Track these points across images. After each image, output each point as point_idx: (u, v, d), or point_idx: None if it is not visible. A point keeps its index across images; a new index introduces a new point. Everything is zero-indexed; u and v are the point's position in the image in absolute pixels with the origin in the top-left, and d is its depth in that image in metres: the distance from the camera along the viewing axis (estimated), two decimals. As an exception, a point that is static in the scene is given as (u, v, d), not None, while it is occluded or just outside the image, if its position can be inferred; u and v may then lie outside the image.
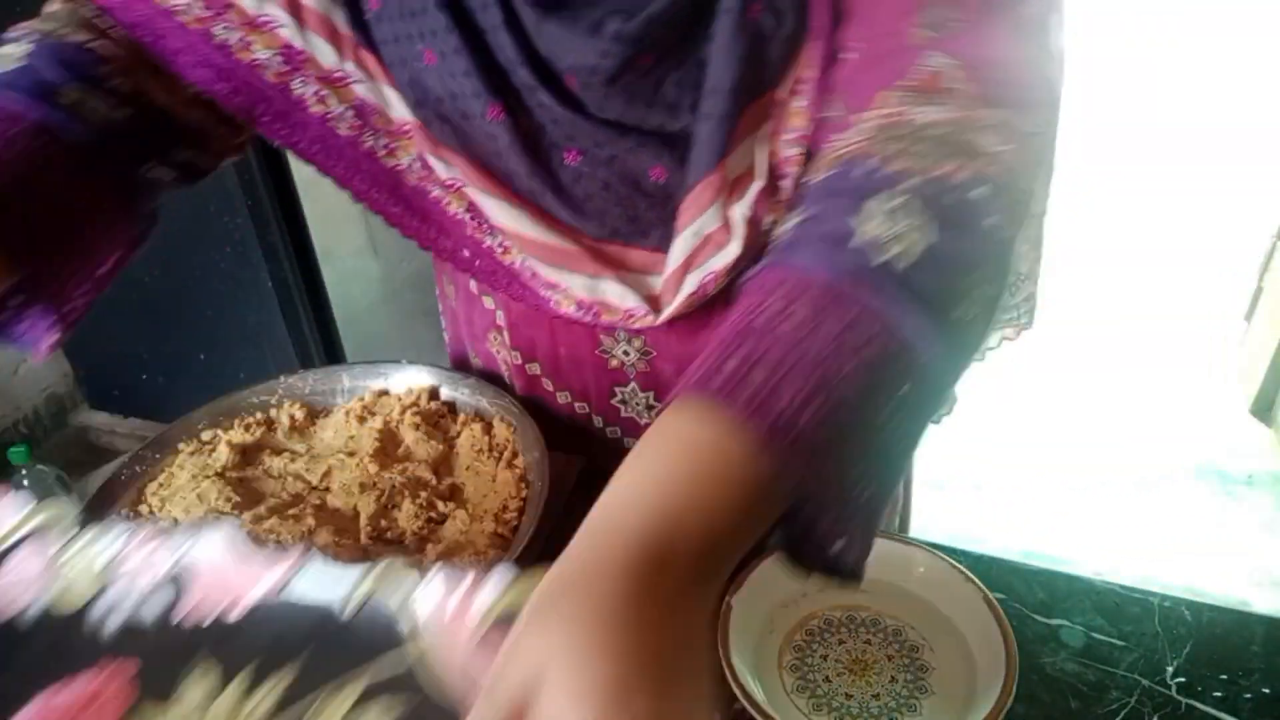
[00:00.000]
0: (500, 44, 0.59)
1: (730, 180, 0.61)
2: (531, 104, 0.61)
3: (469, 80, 0.60)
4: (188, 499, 0.71)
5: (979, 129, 0.46)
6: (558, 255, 0.67)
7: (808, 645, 0.61)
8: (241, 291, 2.03)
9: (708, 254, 0.64)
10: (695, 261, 0.64)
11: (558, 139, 0.62)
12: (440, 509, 0.70)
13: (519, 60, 0.59)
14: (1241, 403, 2.45)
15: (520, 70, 0.59)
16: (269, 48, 0.63)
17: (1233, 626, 0.63)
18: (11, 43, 0.60)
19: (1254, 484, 2.22)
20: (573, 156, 0.63)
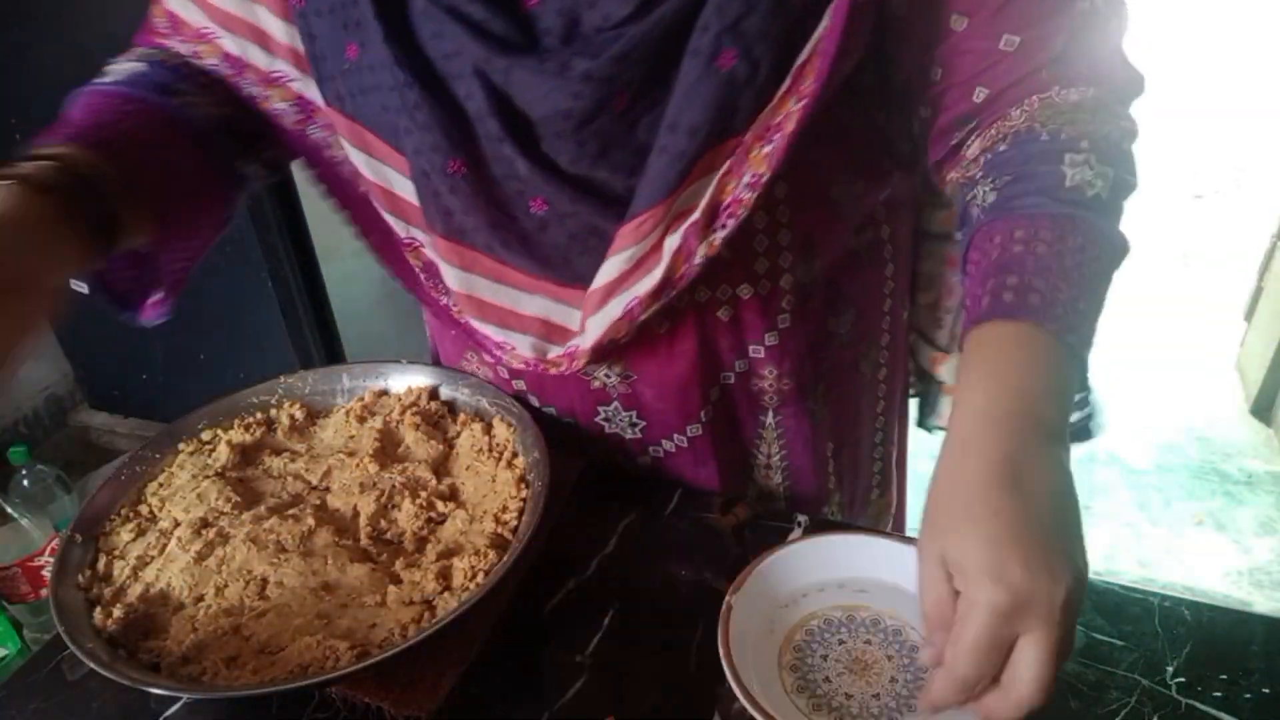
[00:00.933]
0: (469, 92, 0.59)
1: (673, 214, 0.61)
2: (495, 157, 0.60)
3: (428, 134, 0.60)
4: (188, 499, 0.71)
5: (1113, 101, 0.61)
6: (507, 318, 0.69)
7: (808, 645, 0.61)
8: (241, 291, 2.03)
9: (636, 278, 0.64)
10: (621, 285, 0.64)
11: (522, 190, 0.62)
12: (440, 509, 0.70)
13: (488, 110, 0.58)
14: (1241, 403, 2.45)
15: (488, 121, 0.59)
16: (284, 100, 0.69)
17: (1233, 626, 0.63)
18: (122, 60, 0.69)
19: (1254, 484, 2.22)
20: (539, 205, 0.62)
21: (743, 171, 0.59)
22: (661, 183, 0.59)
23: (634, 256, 0.63)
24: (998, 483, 0.47)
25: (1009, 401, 0.50)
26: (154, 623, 0.63)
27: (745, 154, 0.59)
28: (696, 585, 0.69)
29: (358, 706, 0.61)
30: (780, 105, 0.57)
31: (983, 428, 0.50)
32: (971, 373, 0.53)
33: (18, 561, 1.52)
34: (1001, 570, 0.44)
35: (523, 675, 0.63)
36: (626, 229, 0.62)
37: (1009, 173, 0.60)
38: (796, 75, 0.56)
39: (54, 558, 0.67)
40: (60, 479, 1.85)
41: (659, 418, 0.75)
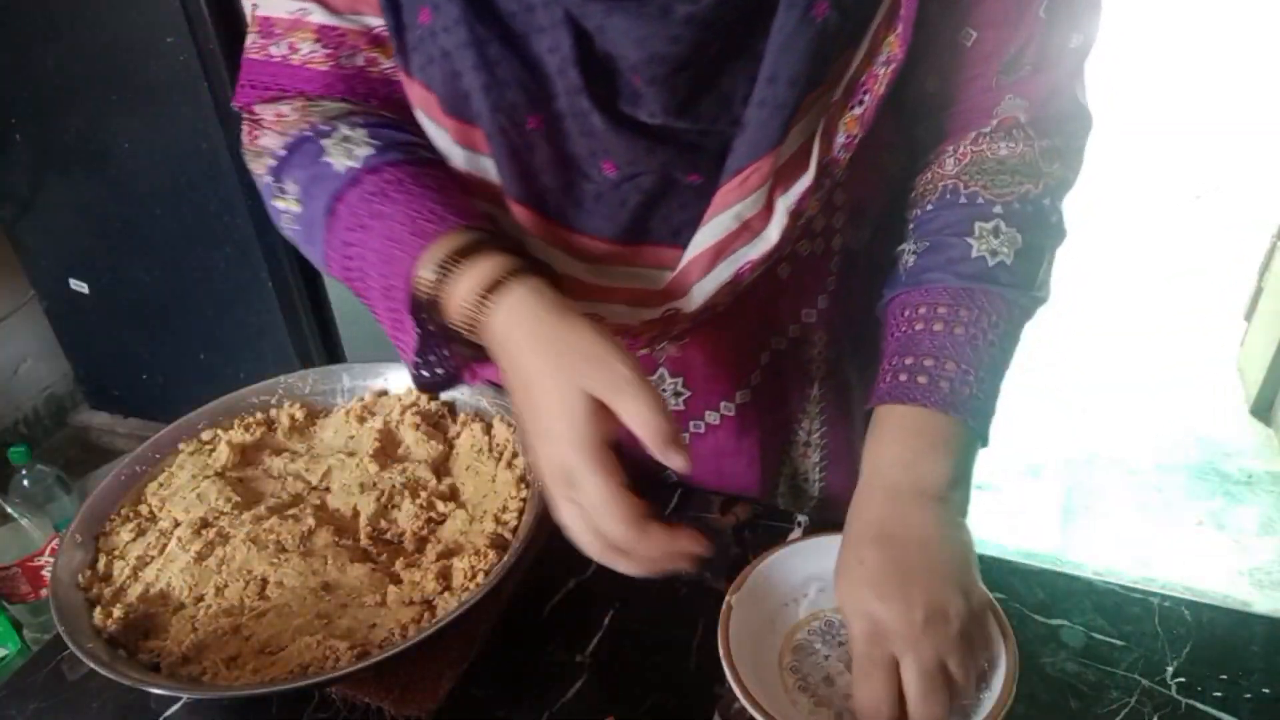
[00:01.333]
0: (555, 44, 0.58)
1: (778, 168, 0.61)
2: (572, 112, 0.60)
3: (508, 90, 0.60)
4: (188, 499, 0.71)
5: (1039, 156, 0.65)
6: (590, 291, 0.68)
7: (808, 645, 0.61)
8: (241, 291, 2.03)
9: (743, 240, 0.64)
10: (730, 247, 0.64)
11: (595, 151, 0.62)
12: (440, 509, 0.70)
13: (572, 59, 0.58)
14: (1241, 403, 2.45)
15: (570, 72, 0.58)
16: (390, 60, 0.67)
17: (1233, 626, 0.63)
18: (332, 132, 0.64)
19: (1254, 484, 2.22)
20: (609, 168, 0.63)
21: (836, 130, 0.62)
22: (765, 135, 0.59)
23: (741, 214, 0.63)
24: (867, 539, 0.58)
25: (892, 475, 0.60)
26: (154, 623, 0.63)
27: (836, 113, 0.61)
28: (696, 585, 0.68)
29: (358, 706, 0.61)
30: (865, 66, 0.60)
31: (865, 498, 0.60)
32: (868, 449, 0.62)
33: (18, 561, 1.52)
34: (860, 605, 0.55)
35: (523, 675, 0.63)
36: (730, 186, 0.62)
37: (927, 239, 0.66)
38: (874, 37, 0.59)
39: (54, 558, 0.67)
40: (60, 479, 1.85)
41: (707, 385, 0.75)
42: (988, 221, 0.64)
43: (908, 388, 0.61)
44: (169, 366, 2.26)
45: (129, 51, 1.78)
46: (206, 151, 1.85)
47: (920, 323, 0.63)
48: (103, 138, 1.92)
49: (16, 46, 1.86)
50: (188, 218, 1.96)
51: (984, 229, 0.64)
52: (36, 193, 2.07)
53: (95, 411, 2.47)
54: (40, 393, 2.42)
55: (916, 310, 0.64)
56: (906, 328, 0.64)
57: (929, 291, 0.64)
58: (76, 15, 1.78)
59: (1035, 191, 0.65)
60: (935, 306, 0.63)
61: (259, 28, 0.67)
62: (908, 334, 0.63)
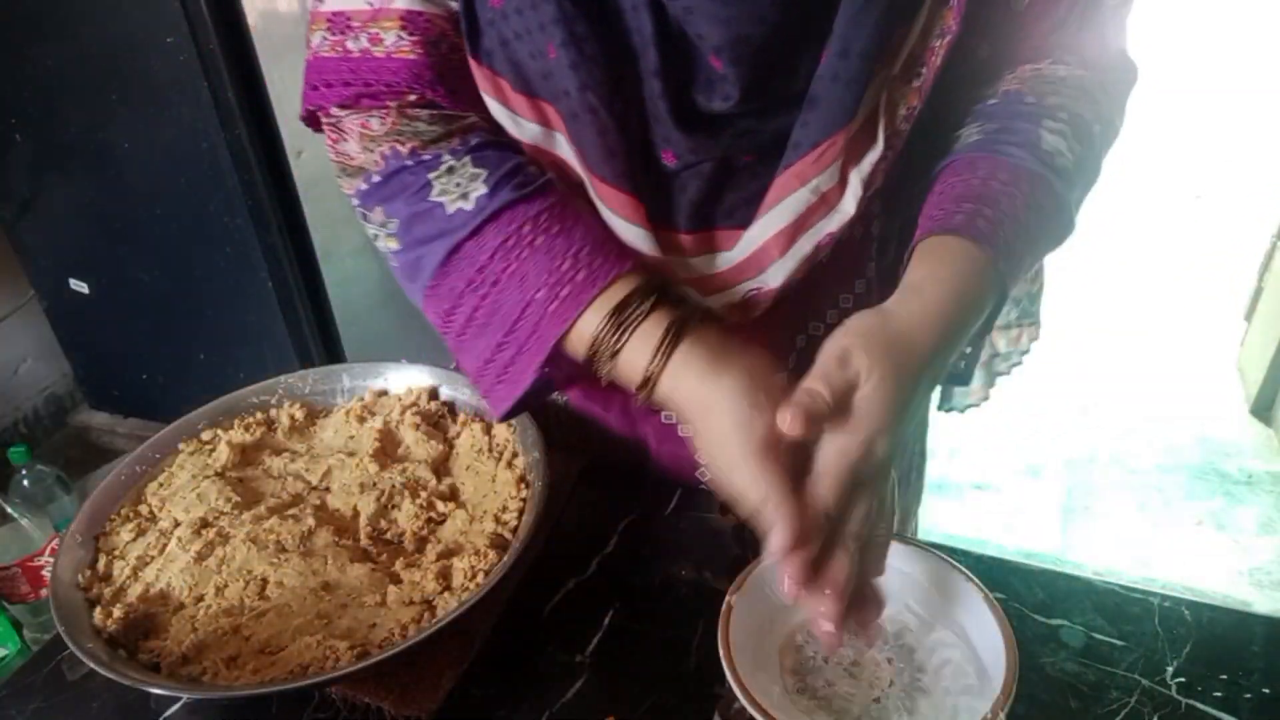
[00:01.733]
0: (638, 25, 0.58)
1: (851, 141, 0.62)
2: (643, 97, 0.61)
3: (596, 68, 0.59)
4: (188, 499, 0.71)
5: (1094, 86, 0.66)
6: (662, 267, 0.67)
7: (808, 645, 0.61)
8: (241, 291, 2.03)
9: (821, 213, 0.64)
10: (809, 221, 0.64)
11: (658, 139, 0.63)
12: (440, 509, 0.70)
13: (652, 40, 0.58)
14: (1241, 403, 2.45)
15: (649, 52, 0.59)
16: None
17: (1233, 626, 0.63)
18: (436, 163, 0.63)
19: (1254, 484, 2.22)
20: (669, 158, 0.63)
21: (898, 103, 0.62)
22: (840, 109, 0.60)
23: (819, 188, 0.63)
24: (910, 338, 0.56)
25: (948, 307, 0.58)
26: (154, 623, 0.63)
27: (895, 87, 0.62)
28: (696, 585, 0.69)
29: (358, 706, 0.61)
30: (922, 39, 0.60)
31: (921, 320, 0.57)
32: (936, 268, 0.59)
33: (18, 561, 1.52)
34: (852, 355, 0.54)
35: (523, 675, 0.63)
36: (806, 161, 0.62)
37: (995, 122, 0.65)
38: (931, 10, 0.59)
39: (54, 558, 0.67)
40: (60, 479, 1.85)
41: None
42: (1055, 122, 0.63)
43: (988, 236, 0.59)
44: (169, 366, 2.26)
45: (129, 51, 1.78)
46: (206, 151, 1.85)
47: (999, 184, 0.61)
48: (103, 138, 1.91)
49: (16, 46, 1.86)
50: (188, 218, 1.96)
51: (1052, 127, 0.63)
52: (36, 193, 2.07)
53: (95, 411, 2.47)
54: (40, 393, 2.42)
55: (995, 174, 0.62)
56: (983, 185, 0.61)
57: (1010, 167, 0.62)
58: (76, 15, 1.78)
59: (1090, 117, 0.65)
60: (1016, 179, 0.61)
61: (329, 24, 0.64)
62: (989, 190, 0.61)
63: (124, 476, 0.74)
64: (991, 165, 0.62)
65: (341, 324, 2.11)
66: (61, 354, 2.41)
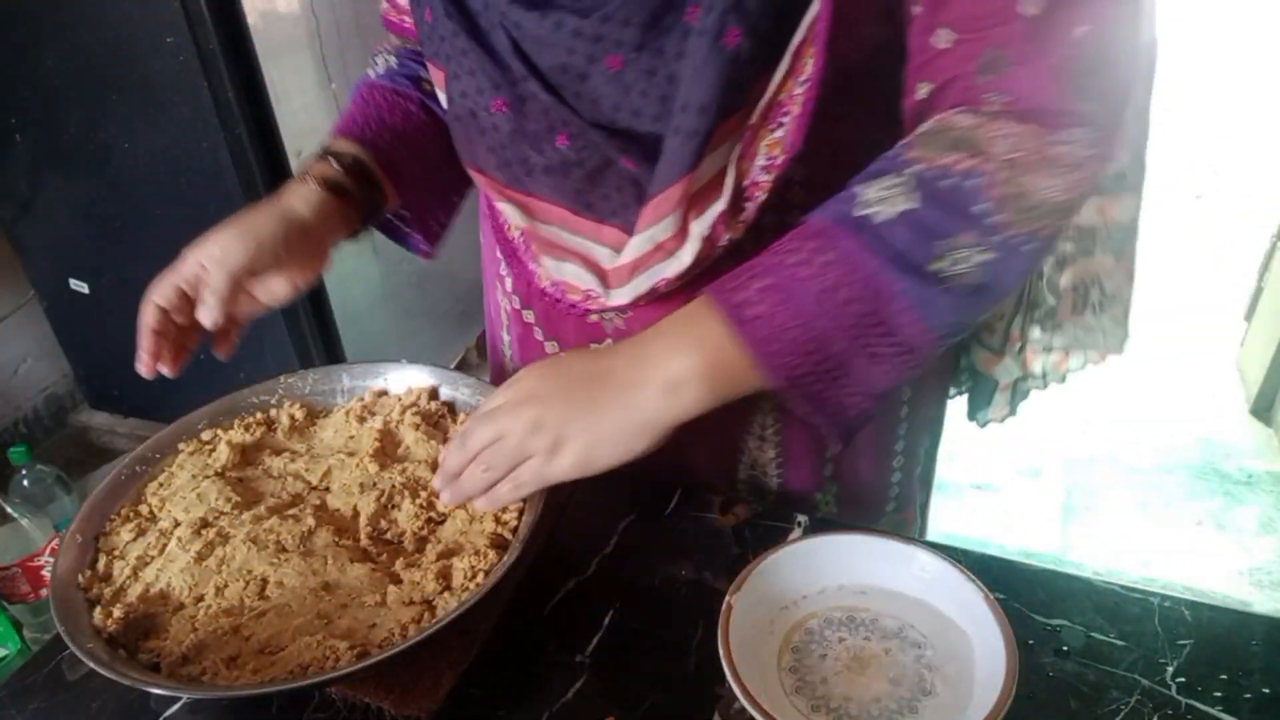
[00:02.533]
0: (498, 42, 0.64)
1: (692, 193, 0.63)
2: (526, 95, 0.65)
3: (472, 79, 0.66)
4: (188, 499, 0.71)
5: (995, 135, 0.56)
6: (535, 241, 0.74)
7: (807, 645, 0.61)
8: (241, 291, 2.03)
9: (657, 259, 0.68)
10: (644, 264, 0.68)
11: (549, 125, 0.65)
12: (440, 509, 0.70)
13: (512, 53, 0.63)
14: (1241, 403, 2.45)
15: (514, 63, 0.64)
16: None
17: (1233, 626, 0.63)
18: (382, 54, 0.85)
19: (1254, 484, 2.22)
20: (562, 140, 0.66)
21: (755, 154, 0.62)
22: (678, 161, 0.61)
23: (654, 238, 0.66)
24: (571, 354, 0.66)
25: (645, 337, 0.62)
26: (154, 623, 0.63)
27: (754, 137, 0.61)
28: (696, 585, 0.69)
29: (358, 706, 0.61)
30: (783, 87, 0.59)
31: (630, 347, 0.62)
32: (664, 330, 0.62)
33: (18, 561, 1.52)
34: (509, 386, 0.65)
35: (523, 675, 0.63)
36: (648, 209, 0.65)
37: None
38: (795, 56, 0.58)
39: (54, 558, 0.67)
40: (60, 479, 1.85)
41: None
42: (896, 176, 0.57)
43: (741, 303, 0.58)
44: (169, 366, 2.26)
45: (129, 51, 1.78)
46: (206, 151, 1.85)
47: (777, 250, 0.59)
48: (103, 138, 1.91)
49: (16, 46, 1.86)
50: (188, 218, 1.95)
51: (884, 180, 0.57)
52: (36, 193, 2.07)
53: (95, 411, 2.47)
54: (40, 393, 2.42)
55: (789, 238, 0.60)
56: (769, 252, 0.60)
57: (804, 225, 0.60)
58: (76, 15, 1.77)
59: (960, 167, 0.56)
60: (796, 239, 0.59)
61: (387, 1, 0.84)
62: (765, 256, 0.60)
63: (124, 476, 0.74)
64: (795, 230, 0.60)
65: (341, 324, 2.11)
66: (61, 354, 2.41)
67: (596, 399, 0.61)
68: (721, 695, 0.60)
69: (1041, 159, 0.56)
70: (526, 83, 0.64)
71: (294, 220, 0.74)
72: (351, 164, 0.77)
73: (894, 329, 0.57)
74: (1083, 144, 0.56)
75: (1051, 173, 0.56)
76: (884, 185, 0.57)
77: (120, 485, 0.73)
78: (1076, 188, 0.57)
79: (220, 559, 0.66)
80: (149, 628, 0.63)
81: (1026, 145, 0.56)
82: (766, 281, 0.58)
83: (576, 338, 0.79)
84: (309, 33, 1.91)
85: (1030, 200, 0.56)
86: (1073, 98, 0.56)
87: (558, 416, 0.61)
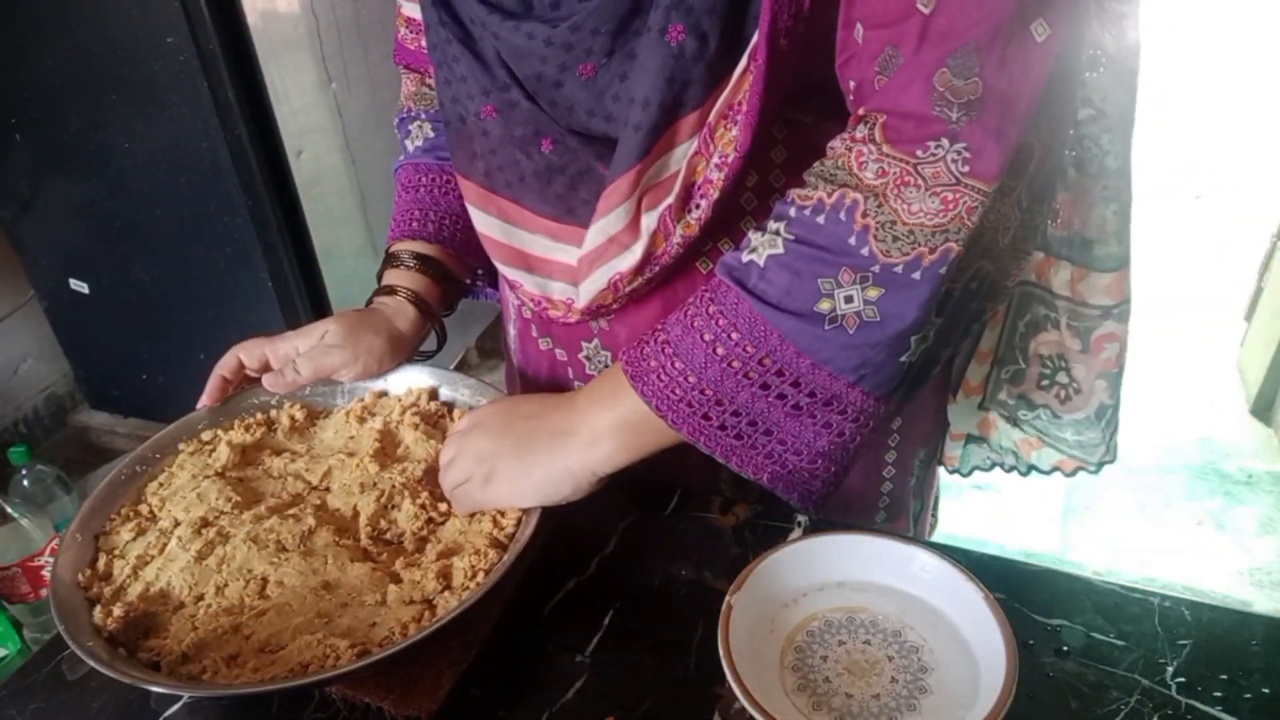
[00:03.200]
0: (486, 50, 0.66)
1: (643, 188, 0.64)
2: (512, 101, 0.66)
3: (463, 84, 0.68)
4: (188, 499, 0.71)
5: (859, 163, 0.55)
6: (515, 258, 0.75)
7: (808, 645, 0.61)
8: (241, 291, 2.03)
9: (612, 253, 0.68)
10: (600, 258, 0.69)
11: (536, 130, 0.67)
12: (440, 509, 0.70)
13: (497, 61, 0.65)
14: (1241, 403, 2.45)
15: (499, 70, 0.66)
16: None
17: (1233, 626, 0.63)
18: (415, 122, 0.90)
19: (1254, 484, 2.22)
20: (547, 144, 0.68)
21: (710, 152, 0.62)
22: (626, 152, 0.63)
23: (606, 229, 0.67)
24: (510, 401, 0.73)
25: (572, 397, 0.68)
26: (154, 622, 0.63)
27: (711, 134, 0.61)
28: (696, 585, 0.69)
29: (358, 706, 0.61)
30: (739, 86, 0.59)
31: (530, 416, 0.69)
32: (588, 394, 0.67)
33: (18, 561, 1.52)
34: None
35: (523, 675, 0.63)
36: (601, 199, 0.66)
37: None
38: (751, 56, 0.58)
39: (54, 557, 0.67)
40: (60, 479, 1.85)
41: None
42: (776, 220, 0.58)
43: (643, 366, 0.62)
44: (169, 366, 2.26)
45: (129, 51, 1.78)
46: (206, 151, 1.85)
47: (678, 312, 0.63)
48: (103, 138, 1.91)
49: (16, 46, 1.86)
50: (188, 218, 1.96)
51: (768, 225, 0.59)
52: (36, 193, 2.07)
53: (95, 411, 2.47)
54: (40, 393, 2.42)
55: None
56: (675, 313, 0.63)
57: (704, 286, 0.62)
58: (76, 15, 1.77)
59: (830, 203, 0.56)
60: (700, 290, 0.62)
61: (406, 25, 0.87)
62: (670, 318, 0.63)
63: (124, 476, 0.74)
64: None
65: (341, 324, 2.11)
66: (61, 354, 2.41)
67: (530, 442, 0.66)
68: (721, 695, 0.60)
69: (910, 181, 0.53)
70: (509, 90, 0.66)
71: (396, 338, 0.82)
72: (431, 270, 0.85)
73: (798, 376, 0.58)
74: (952, 158, 0.52)
75: (922, 193, 0.53)
76: (769, 228, 0.58)
77: (120, 485, 0.73)
78: (954, 206, 0.53)
79: (220, 558, 0.66)
80: (149, 627, 0.63)
81: (893, 169, 0.54)
82: (664, 335, 0.61)
83: (568, 335, 0.80)
84: (309, 33, 1.91)
85: (903, 227, 0.54)
86: (934, 103, 0.52)
87: (493, 450, 0.67)
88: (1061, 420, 0.86)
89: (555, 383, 0.84)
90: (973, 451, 0.93)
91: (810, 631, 0.62)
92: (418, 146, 0.89)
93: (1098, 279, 0.78)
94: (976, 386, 0.87)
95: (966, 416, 0.89)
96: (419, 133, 0.89)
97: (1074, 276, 0.78)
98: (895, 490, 0.86)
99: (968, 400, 0.88)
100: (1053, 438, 0.87)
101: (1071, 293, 0.79)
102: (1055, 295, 0.80)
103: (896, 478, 0.85)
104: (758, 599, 0.62)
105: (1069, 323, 0.80)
